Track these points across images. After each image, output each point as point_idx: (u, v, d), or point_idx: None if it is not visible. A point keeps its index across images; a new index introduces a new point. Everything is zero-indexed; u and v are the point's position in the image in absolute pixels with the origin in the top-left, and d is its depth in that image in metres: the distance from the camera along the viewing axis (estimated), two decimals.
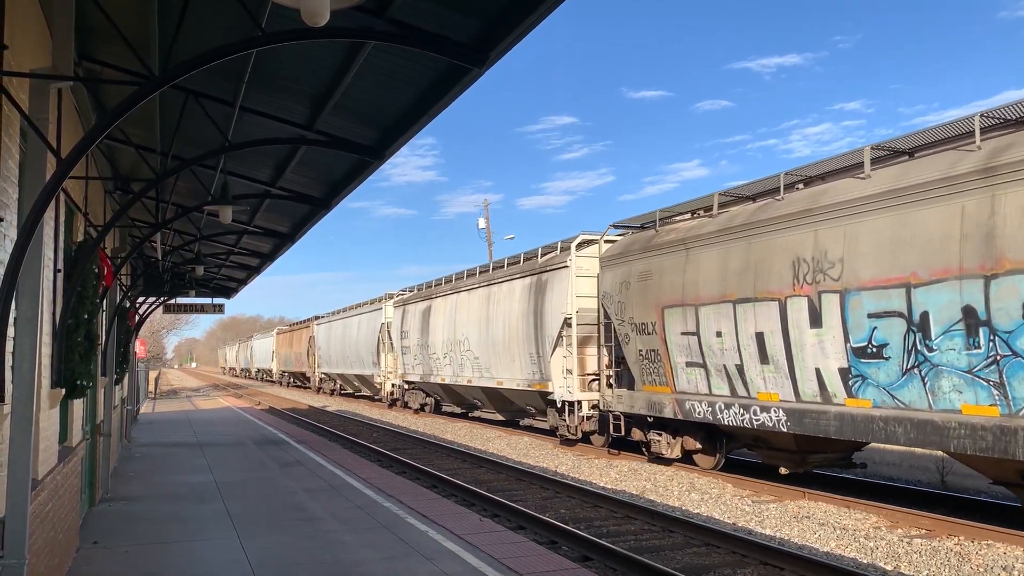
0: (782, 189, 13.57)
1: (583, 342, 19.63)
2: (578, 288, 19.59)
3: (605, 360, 18.63)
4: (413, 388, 33.80)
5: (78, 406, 9.29)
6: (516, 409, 25.23)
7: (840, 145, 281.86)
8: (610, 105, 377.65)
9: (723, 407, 14.24)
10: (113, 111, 4.69)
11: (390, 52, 6.72)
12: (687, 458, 16.37)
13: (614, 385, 18.12)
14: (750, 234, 13.69)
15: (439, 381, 29.10)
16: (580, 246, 19.97)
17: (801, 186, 13.82)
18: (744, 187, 14.94)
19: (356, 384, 44.97)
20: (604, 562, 9.52)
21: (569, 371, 19.64)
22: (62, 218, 7.51)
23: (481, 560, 8.16)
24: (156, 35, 6.38)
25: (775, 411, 12.99)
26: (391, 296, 37.55)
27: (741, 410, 13.78)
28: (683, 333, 15.19)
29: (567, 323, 19.73)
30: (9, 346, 4.84)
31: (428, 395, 33.00)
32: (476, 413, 29.08)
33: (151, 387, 49.27)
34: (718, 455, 15.82)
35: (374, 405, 40.50)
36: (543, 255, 22.23)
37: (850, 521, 11.64)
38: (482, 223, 46.08)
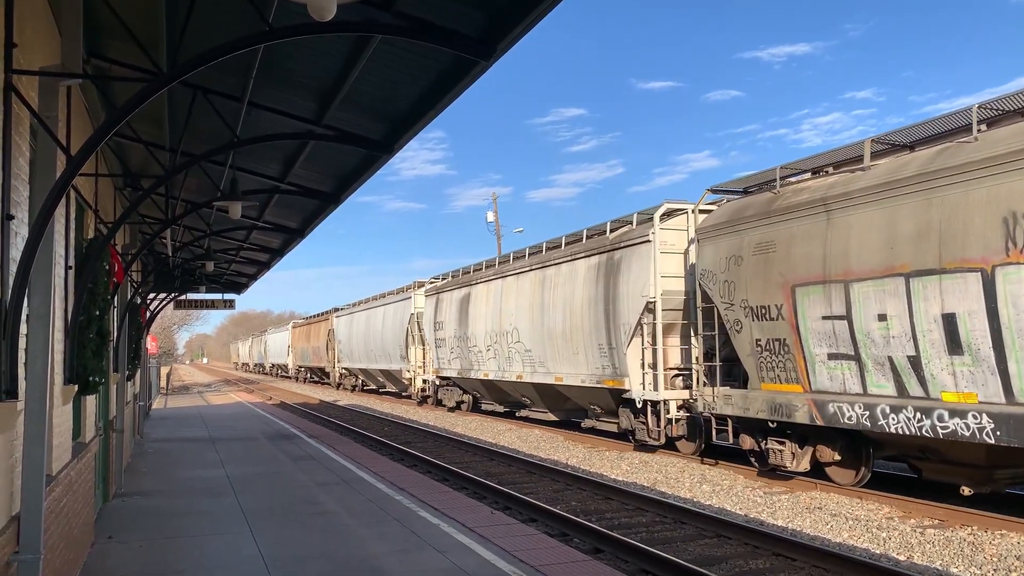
0: (974, 127, 10.68)
1: (666, 331, 17.02)
2: (660, 267, 16.94)
3: (697, 352, 15.88)
4: (448, 384, 30.69)
5: (91, 402, 9.35)
6: (574, 408, 22.31)
7: (851, 135, 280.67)
8: (619, 96, 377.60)
9: (887, 411, 11.35)
10: (122, 108, 4.71)
11: (397, 46, 6.71)
12: (817, 471, 13.47)
13: (708, 382, 15.39)
14: (931, 186, 10.78)
15: (481, 377, 26.13)
16: (663, 217, 17.24)
17: (984, 127, 10.87)
18: (900, 132, 12.39)
19: (381, 380, 42.33)
20: (616, 554, 9.53)
21: (651, 365, 17.11)
22: (72, 215, 7.54)
23: (493, 553, 8.17)
24: (164, 32, 6.39)
25: (975, 416, 10.18)
26: (421, 284, 34.65)
27: (918, 415, 10.93)
28: (825, 317, 12.35)
29: (648, 308, 16.97)
30: (22, 343, 4.87)
31: (465, 392, 29.89)
32: (523, 413, 25.72)
33: (163, 383, 49.54)
34: (862, 469, 12.86)
35: (400, 402, 38.46)
36: (613, 230, 19.22)
37: (862, 512, 11.61)
38: (491, 216, 46.11)
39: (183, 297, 23.89)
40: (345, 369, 48.40)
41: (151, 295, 19.28)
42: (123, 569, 7.87)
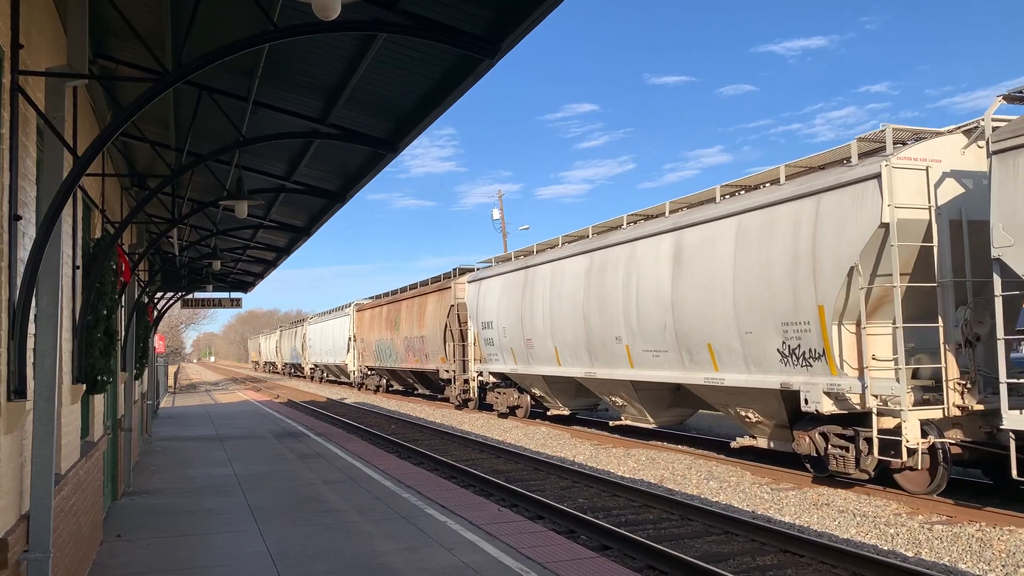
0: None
1: None
2: None
3: None
4: None
5: (99, 401, 9.39)
6: None
7: (864, 128, 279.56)
8: (632, 92, 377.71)
9: None
10: (128, 108, 4.72)
11: (401, 44, 6.72)
12: None
13: None
14: None
15: None
16: None
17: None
18: None
19: (614, 398, 19.99)
20: (623, 551, 9.53)
21: None
22: (80, 215, 7.57)
23: (500, 550, 8.18)
24: (169, 32, 6.42)
25: None
26: (918, 134, 12.27)
27: None
28: None
29: None
30: (30, 343, 4.89)
31: None
32: None
33: (170, 382, 49.68)
34: None
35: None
36: None
37: (870, 508, 11.59)
38: (496, 214, 46.10)
39: (190, 296, 23.99)
40: (496, 375, 26.86)
41: (158, 294, 19.35)
42: (132, 567, 7.90)
